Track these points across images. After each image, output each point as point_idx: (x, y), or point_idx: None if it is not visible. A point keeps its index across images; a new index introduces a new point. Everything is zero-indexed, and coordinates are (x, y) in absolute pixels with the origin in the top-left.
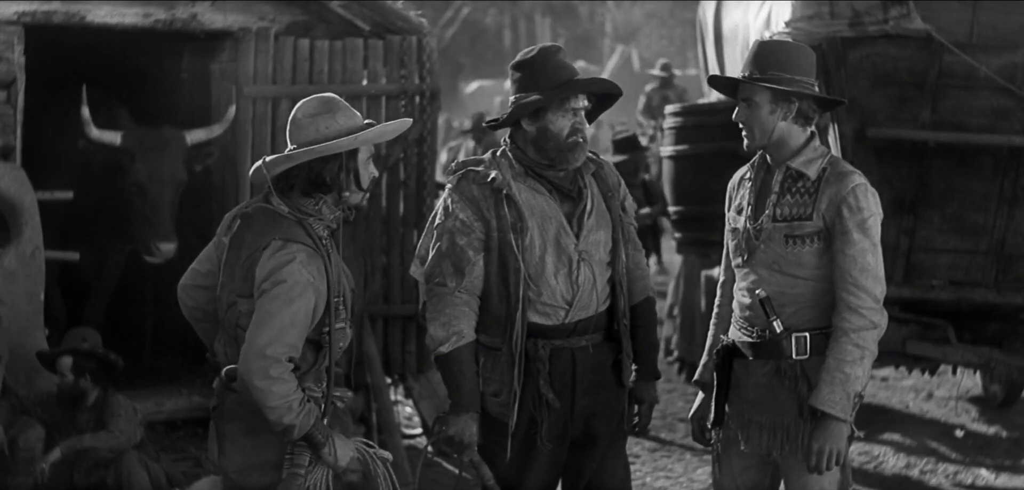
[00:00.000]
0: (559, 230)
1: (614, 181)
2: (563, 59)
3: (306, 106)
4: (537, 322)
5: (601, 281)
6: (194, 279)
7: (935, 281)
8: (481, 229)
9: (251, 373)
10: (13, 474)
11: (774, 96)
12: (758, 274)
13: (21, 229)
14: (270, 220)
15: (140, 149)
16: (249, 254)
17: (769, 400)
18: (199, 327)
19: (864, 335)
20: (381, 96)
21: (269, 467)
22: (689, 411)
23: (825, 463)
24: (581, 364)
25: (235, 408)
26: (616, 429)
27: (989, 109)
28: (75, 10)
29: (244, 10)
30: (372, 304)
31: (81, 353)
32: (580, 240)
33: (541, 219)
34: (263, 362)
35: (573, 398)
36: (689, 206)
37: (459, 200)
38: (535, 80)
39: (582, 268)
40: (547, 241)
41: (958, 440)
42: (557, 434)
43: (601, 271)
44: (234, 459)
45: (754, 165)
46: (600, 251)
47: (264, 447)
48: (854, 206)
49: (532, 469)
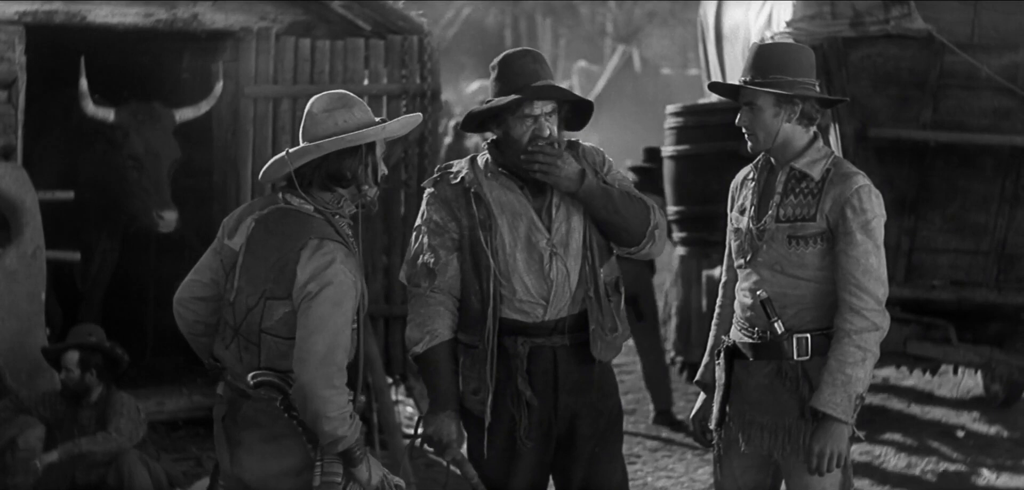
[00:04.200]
0: (530, 226)
1: (597, 159)
2: (526, 64)
3: (321, 101)
4: (516, 319)
5: (574, 272)
6: (194, 291)
7: (936, 281)
8: (455, 229)
9: (315, 382)
10: (13, 474)
11: (777, 99)
12: (760, 275)
13: (22, 229)
14: (297, 219)
15: (133, 122)
16: (280, 256)
17: (770, 401)
18: (199, 342)
19: (866, 337)
20: (382, 96)
21: (290, 475)
22: (690, 411)
23: (826, 465)
24: (563, 364)
25: (254, 415)
26: (605, 430)
27: (990, 109)
28: (76, 10)
29: (245, 10)
30: (373, 304)
31: (88, 347)
32: (552, 233)
33: (512, 216)
34: (327, 370)
35: (555, 398)
36: (690, 206)
37: (434, 202)
38: (499, 84)
39: (554, 262)
40: (517, 238)
41: (959, 440)
42: (540, 434)
43: (576, 262)
44: (252, 468)
45: (757, 165)
46: (575, 239)
47: (285, 454)
48: (858, 207)
49: (516, 469)
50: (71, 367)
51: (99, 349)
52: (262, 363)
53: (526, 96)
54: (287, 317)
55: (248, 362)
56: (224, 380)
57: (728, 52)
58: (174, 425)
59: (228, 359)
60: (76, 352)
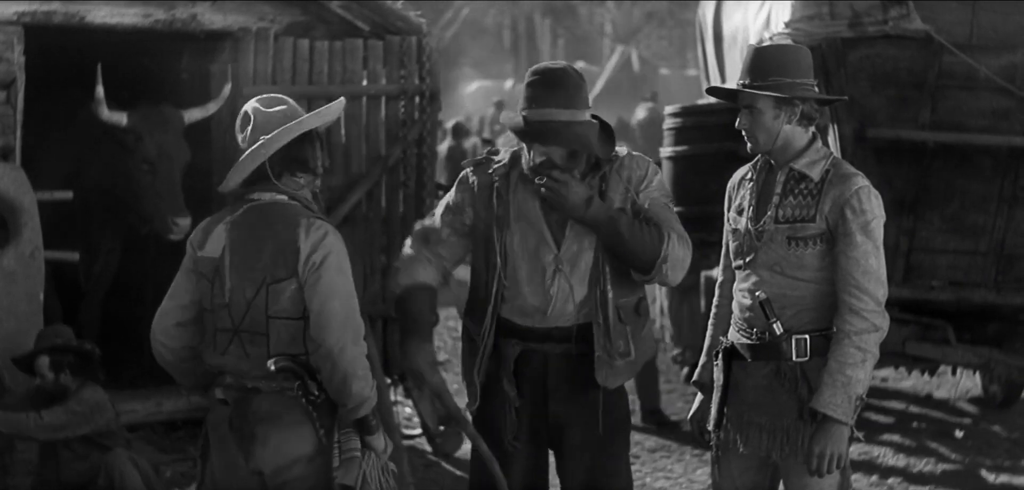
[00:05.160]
0: (540, 239)
1: (636, 173)
2: (537, 93)
3: (263, 101)
4: (515, 321)
5: (580, 291)
6: (175, 318)
7: (935, 281)
8: (470, 216)
9: (343, 342)
10: (12, 474)
11: (777, 101)
12: (759, 276)
13: (20, 230)
14: (280, 207)
15: (145, 126)
16: (276, 243)
17: (769, 402)
18: (184, 368)
19: (866, 338)
20: (381, 96)
21: (303, 462)
22: (688, 411)
23: (826, 466)
24: (554, 372)
25: (269, 406)
26: (605, 439)
27: (989, 110)
28: (75, 10)
29: (244, 10)
30: (371, 304)
31: (56, 349)
32: (561, 250)
33: (526, 224)
34: (351, 329)
35: (545, 404)
36: (689, 206)
37: (461, 185)
38: (522, 98)
39: (557, 279)
40: (526, 248)
41: (958, 440)
42: (529, 437)
43: (580, 281)
44: (269, 460)
45: (755, 166)
46: (585, 260)
47: (300, 441)
48: (857, 208)
49: (507, 471)
50: (44, 372)
51: (68, 349)
52: (272, 351)
53: (517, 132)
54: (294, 295)
55: (256, 355)
56: (221, 385)
57: (727, 53)
58: (173, 425)
59: (229, 363)
60: (46, 356)
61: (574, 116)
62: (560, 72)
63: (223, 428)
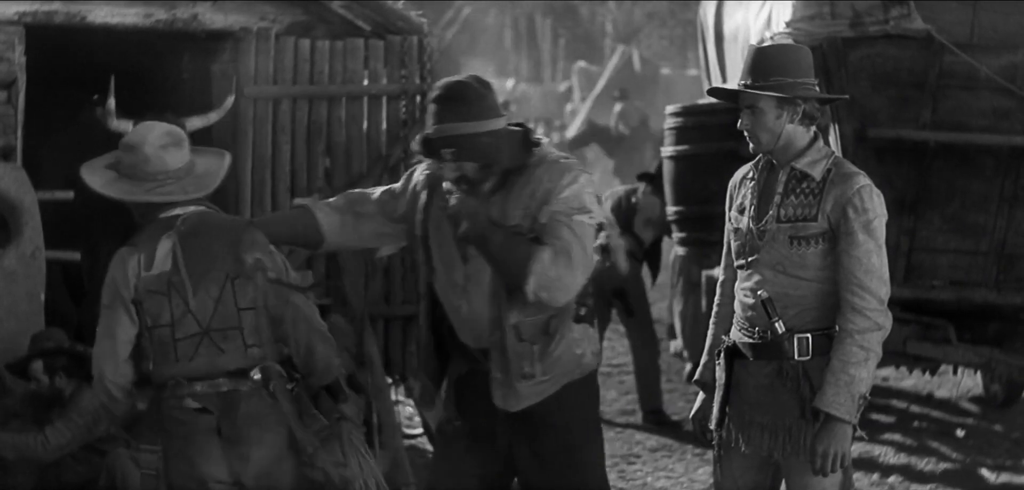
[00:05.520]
0: (452, 252)
1: (540, 188)
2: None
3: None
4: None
5: (486, 310)
6: (124, 352)
7: (936, 281)
8: (404, 206)
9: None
10: (13, 474)
11: (779, 101)
12: (761, 275)
13: (21, 229)
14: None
15: None
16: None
17: (770, 401)
18: (128, 403)
19: (868, 337)
20: (382, 96)
21: (287, 458)
22: (689, 411)
23: (830, 465)
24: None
25: (257, 407)
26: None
27: (990, 109)
28: (76, 10)
29: (245, 10)
30: (372, 305)
31: (48, 352)
32: (466, 265)
33: (444, 237)
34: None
35: (493, 421)
36: (689, 206)
37: (409, 176)
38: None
39: (465, 297)
40: (442, 261)
41: (959, 440)
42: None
43: (484, 300)
44: (259, 461)
45: (756, 165)
46: (486, 276)
47: (280, 441)
48: (859, 207)
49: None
50: (38, 376)
51: (60, 352)
52: (247, 341)
53: (419, 151)
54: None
55: (232, 349)
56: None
57: (728, 53)
58: None
59: (199, 366)
60: (40, 361)
61: (479, 127)
62: (459, 85)
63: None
